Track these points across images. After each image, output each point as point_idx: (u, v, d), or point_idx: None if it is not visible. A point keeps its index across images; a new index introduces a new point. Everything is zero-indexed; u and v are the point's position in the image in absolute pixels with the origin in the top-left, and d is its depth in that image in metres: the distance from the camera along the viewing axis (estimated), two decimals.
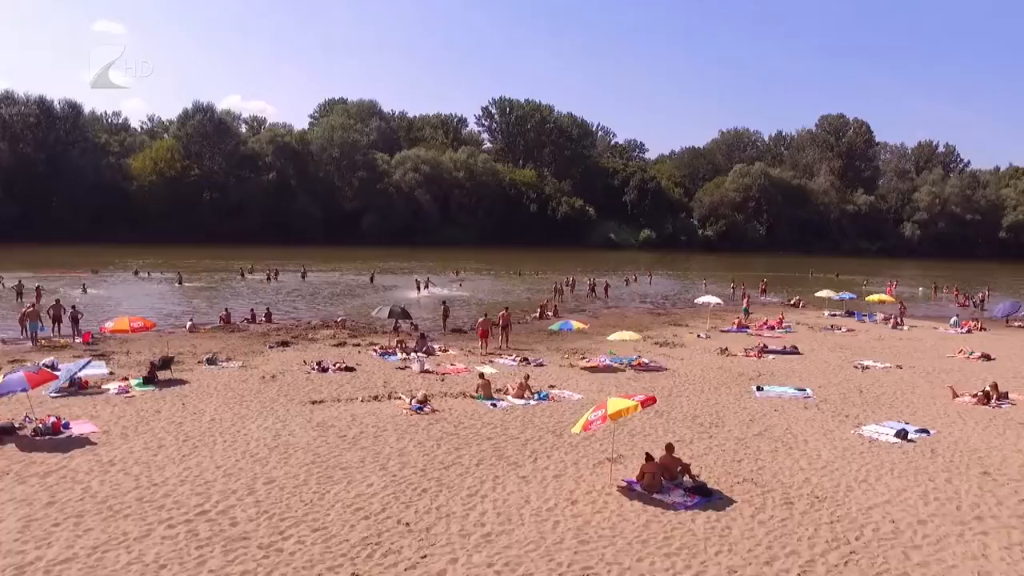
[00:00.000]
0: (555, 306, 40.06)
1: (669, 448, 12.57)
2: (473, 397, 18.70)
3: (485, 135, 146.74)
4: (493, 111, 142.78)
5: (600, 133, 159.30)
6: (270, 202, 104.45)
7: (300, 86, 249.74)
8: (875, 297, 42.43)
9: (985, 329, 36.17)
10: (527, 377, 19.54)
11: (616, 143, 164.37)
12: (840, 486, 12.42)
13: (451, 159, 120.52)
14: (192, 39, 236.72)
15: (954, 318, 37.85)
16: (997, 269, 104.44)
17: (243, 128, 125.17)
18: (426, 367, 22.38)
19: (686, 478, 12.12)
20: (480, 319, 28.93)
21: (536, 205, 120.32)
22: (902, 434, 15.56)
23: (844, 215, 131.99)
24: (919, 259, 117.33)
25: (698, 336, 31.59)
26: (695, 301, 39.51)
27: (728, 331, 33.55)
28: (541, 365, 24.12)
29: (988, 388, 19.45)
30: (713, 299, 37.90)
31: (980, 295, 51.29)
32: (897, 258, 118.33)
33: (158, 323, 28.88)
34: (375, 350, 25.94)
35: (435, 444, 14.48)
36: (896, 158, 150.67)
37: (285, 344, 27.42)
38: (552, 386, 20.43)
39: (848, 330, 34.91)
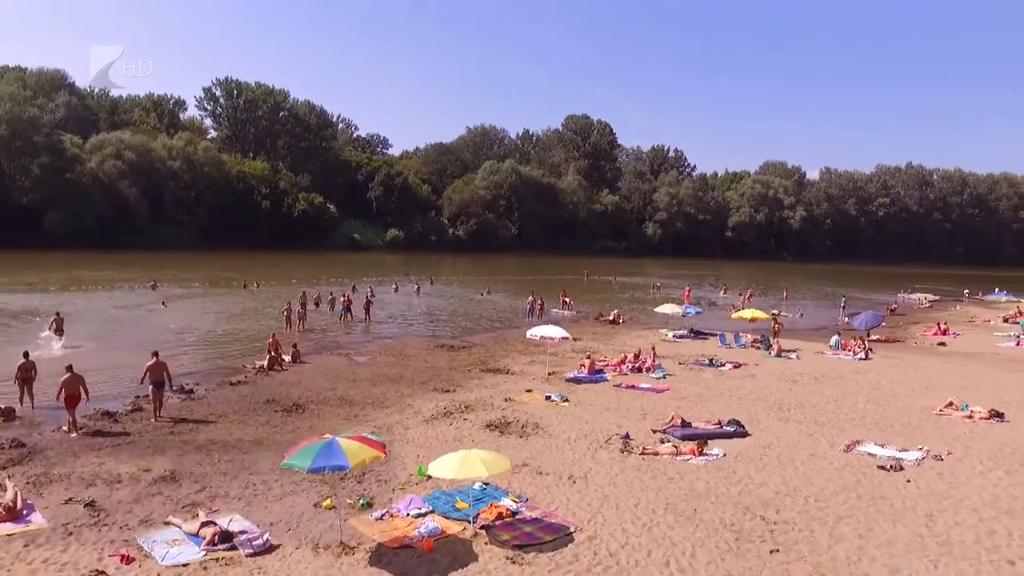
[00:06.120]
0: (294, 346, 26.65)
1: None
2: None
3: (208, 121, 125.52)
4: (218, 93, 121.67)
5: (341, 125, 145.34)
6: None
7: None
8: (747, 314, 34.12)
9: (872, 350, 29.72)
10: None
11: (359, 136, 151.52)
12: None
13: (165, 146, 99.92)
14: None
15: (835, 338, 31.03)
16: (725, 264, 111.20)
17: None
18: None
19: None
20: (64, 376, 16.57)
21: (269, 201, 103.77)
22: None
23: (592, 214, 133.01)
24: (661, 257, 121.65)
25: (548, 399, 20.07)
26: (529, 335, 26.24)
27: (577, 378, 23.05)
28: (267, 551, 10.16)
29: None
30: (557, 332, 25.49)
31: (783, 295, 48.16)
32: (642, 256, 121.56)
33: None
34: None
35: None
36: (633, 160, 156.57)
37: None
38: None
39: (734, 365, 25.97)
